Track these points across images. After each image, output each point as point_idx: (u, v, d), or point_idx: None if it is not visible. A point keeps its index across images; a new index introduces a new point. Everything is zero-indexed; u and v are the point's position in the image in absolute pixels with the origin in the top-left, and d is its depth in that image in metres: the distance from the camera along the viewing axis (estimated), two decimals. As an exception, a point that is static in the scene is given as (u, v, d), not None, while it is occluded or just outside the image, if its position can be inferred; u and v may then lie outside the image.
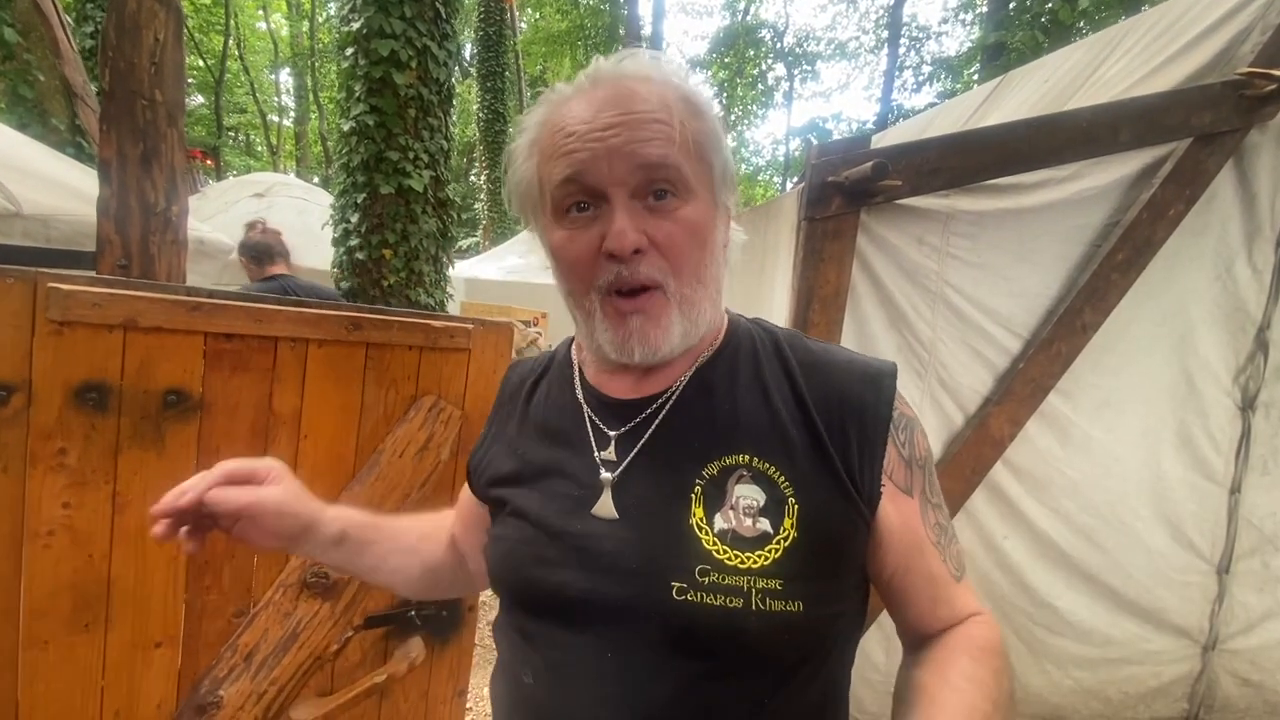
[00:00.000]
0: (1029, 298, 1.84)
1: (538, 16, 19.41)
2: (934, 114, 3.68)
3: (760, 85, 19.35)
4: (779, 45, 18.57)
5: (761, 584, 0.56)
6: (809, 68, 18.95)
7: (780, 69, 19.16)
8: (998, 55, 8.29)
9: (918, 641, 0.64)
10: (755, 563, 0.56)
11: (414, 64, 3.29)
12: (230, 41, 19.75)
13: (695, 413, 0.64)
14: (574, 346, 0.78)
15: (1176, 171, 1.74)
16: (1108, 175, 1.79)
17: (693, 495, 0.60)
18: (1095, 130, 1.69)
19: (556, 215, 0.62)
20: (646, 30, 15.41)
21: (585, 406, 0.69)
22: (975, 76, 10.17)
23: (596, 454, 0.65)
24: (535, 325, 4.78)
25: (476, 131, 13.86)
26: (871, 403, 0.62)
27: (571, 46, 17.34)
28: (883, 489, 0.60)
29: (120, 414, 0.95)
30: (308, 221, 6.95)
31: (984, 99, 3.14)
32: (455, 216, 3.72)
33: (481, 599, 2.96)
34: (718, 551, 0.57)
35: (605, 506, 0.61)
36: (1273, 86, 1.67)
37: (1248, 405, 1.98)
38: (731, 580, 0.56)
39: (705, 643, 0.56)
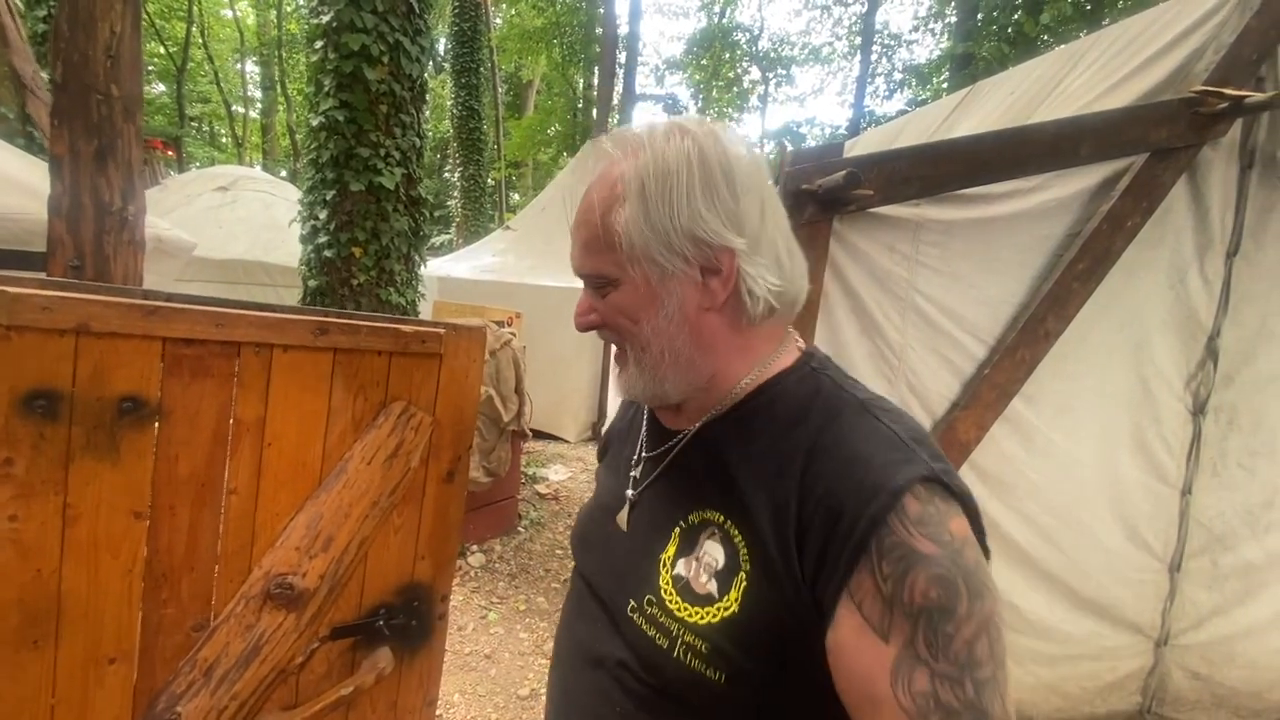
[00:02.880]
0: (995, 305, 1.89)
1: (513, 13, 19.24)
2: (905, 121, 3.75)
3: (736, 88, 19.47)
4: (754, 49, 18.71)
5: (689, 638, 0.59)
6: (784, 72, 19.13)
7: (755, 72, 19.31)
8: (966, 64, 8.48)
9: None
10: (690, 617, 0.60)
11: (386, 59, 3.23)
12: (193, 28, 19.14)
13: (697, 460, 0.69)
14: None
15: (1134, 185, 1.80)
16: (1070, 187, 1.85)
17: (672, 535, 0.66)
18: (1059, 143, 1.74)
19: None
20: (623, 30, 15.38)
21: (645, 424, 0.79)
22: (945, 85, 10.39)
23: (632, 467, 0.76)
24: (509, 326, 4.74)
25: (450, 128, 13.66)
26: (850, 516, 0.53)
27: (547, 44, 17.20)
28: (838, 611, 0.53)
29: (72, 422, 0.91)
30: (274, 216, 6.78)
31: (954, 108, 3.20)
32: (427, 215, 3.66)
33: (452, 604, 2.93)
34: (666, 592, 0.63)
35: (623, 518, 0.74)
36: (1224, 105, 1.74)
37: (1198, 410, 2.06)
38: (666, 622, 0.61)
39: (639, 660, 0.64)
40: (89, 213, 1.44)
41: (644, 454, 0.75)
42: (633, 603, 0.65)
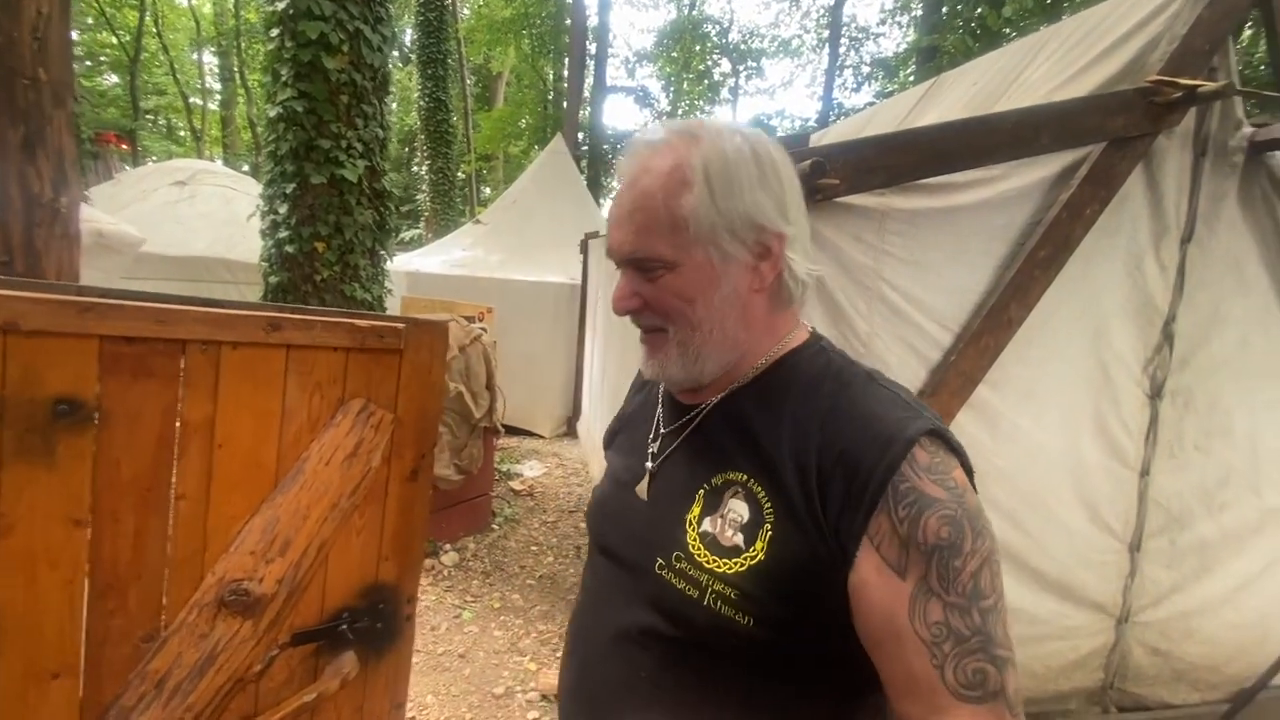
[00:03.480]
0: (959, 293, 1.91)
1: (481, 3, 18.92)
2: (872, 113, 3.78)
3: (707, 80, 19.46)
4: (724, 41, 18.71)
5: (718, 587, 0.64)
6: (754, 64, 19.18)
7: (726, 65, 19.32)
8: (932, 57, 8.59)
9: None
10: (720, 568, 0.65)
11: (345, 48, 3.13)
12: (147, 17, 18.42)
13: (718, 428, 0.74)
14: None
15: (1092, 173, 1.84)
16: (1031, 176, 1.87)
17: (696, 497, 0.71)
18: (1020, 132, 1.76)
19: None
20: (593, 21, 15.24)
21: (660, 403, 0.84)
22: (911, 77, 10.52)
23: (650, 444, 0.81)
24: (480, 321, 4.68)
25: (418, 120, 13.39)
26: (868, 465, 0.60)
27: (516, 35, 16.96)
28: (859, 553, 0.59)
29: (2, 425, 0.86)
30: (235, 211, 6.57)
31: (919, 99, 3.24)
32: (393, 208, 3.57)
33: (425, 604, 2.88)
34: (694, 547, 0.68)
35: (642, 489, 0.78)
36: (1178, 94, 1.78)
37: (1156, 393, 2.12)
38: (695, 574, 0.66)
39: (669, 614, 0.68)
40: (17, 205, 1.36)
41: (662, 429, 0.81)
42: (660, 560, 0.70)
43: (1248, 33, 7.66)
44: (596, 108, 15.71)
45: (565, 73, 15.26)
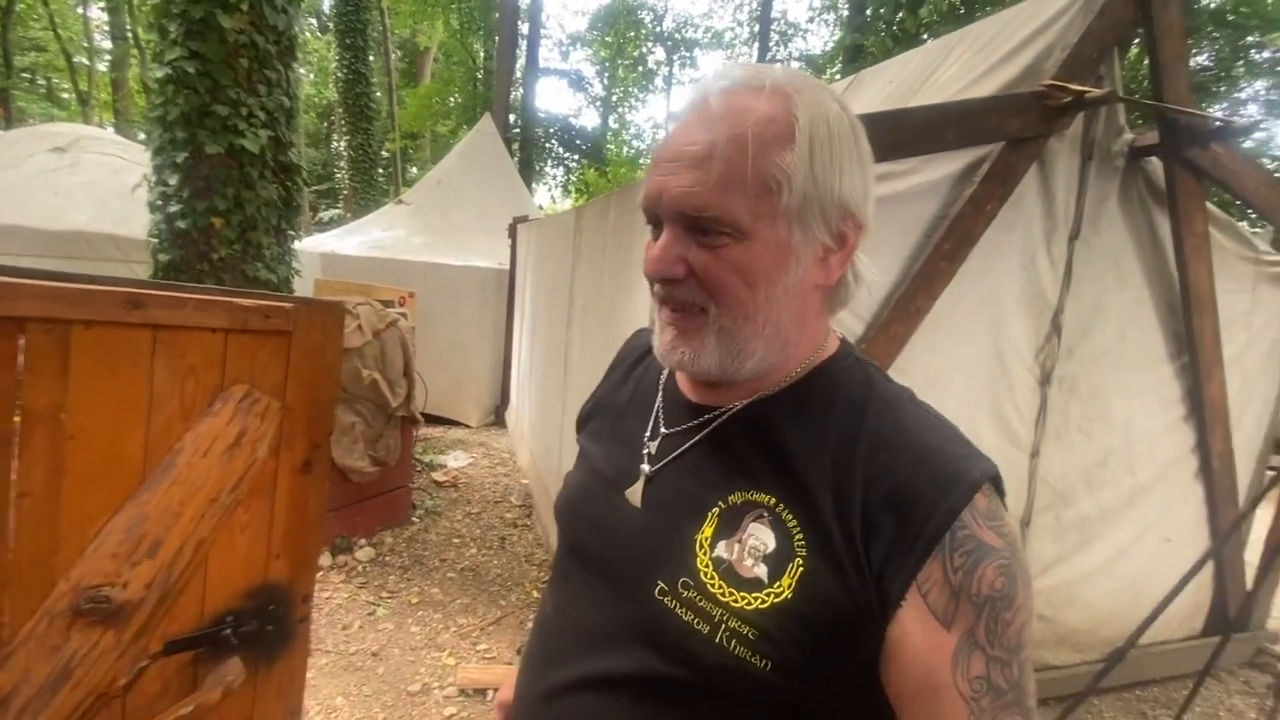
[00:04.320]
0: (871, 284, 1.97)
1: (406, -27, 18.04)
2: (796, 106, 3.85)
3: (641, 67, 19.38)
4: (659, 29, 18.68)
5: (734, 624, 0.55)
6: (687, 54, 19.25)
7: (660, 53, 19.30)
8: (857, 56, 8.88)
9: None
10: (736, 602, 0.56)
11: (245, 6, 2.87)
12: (20, -37, 16.45)
13: (740, 438, 0.63)
14: None
15: (992, 171, 1.93)
16: (937, 172, 1.95)
17: (709, 514, 0.60)
18: (927, 128, 1.83)
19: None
20: (525, 1, 14.82)
21: (660, 394, 0.73)
22: (838, 75, 10.85)
23: (646, 443, 0.69)
24: (401, 306, 4.49)
25: (336, 93, 12.65)
26: (927, 506, 0.53)
27: (444, 9, 16.28)
28: (905, 601, 0.52)
29: None
30: (125, 183, 5.99)
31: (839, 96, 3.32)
32: (300, 183, 3.34)
33: (337, 602, 2.75)
34: (706, 575, 0.58)
35: (634, 493, 0.67)
36: (1068, 99, 1.89)
37: (1045, 380, 2.27)
38: (707, 605, 0.56)
39: (667, 646, 0.58)
40: None
41: (663, 429, 0.69)
42: (662, 584, 0.59)
43: (1133, 51, 8.34)
44: (529, 90, 15.35)
45: (496, 51, 14.79)
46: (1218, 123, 2.16)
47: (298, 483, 1.18)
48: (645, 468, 0.67)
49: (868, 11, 9.47)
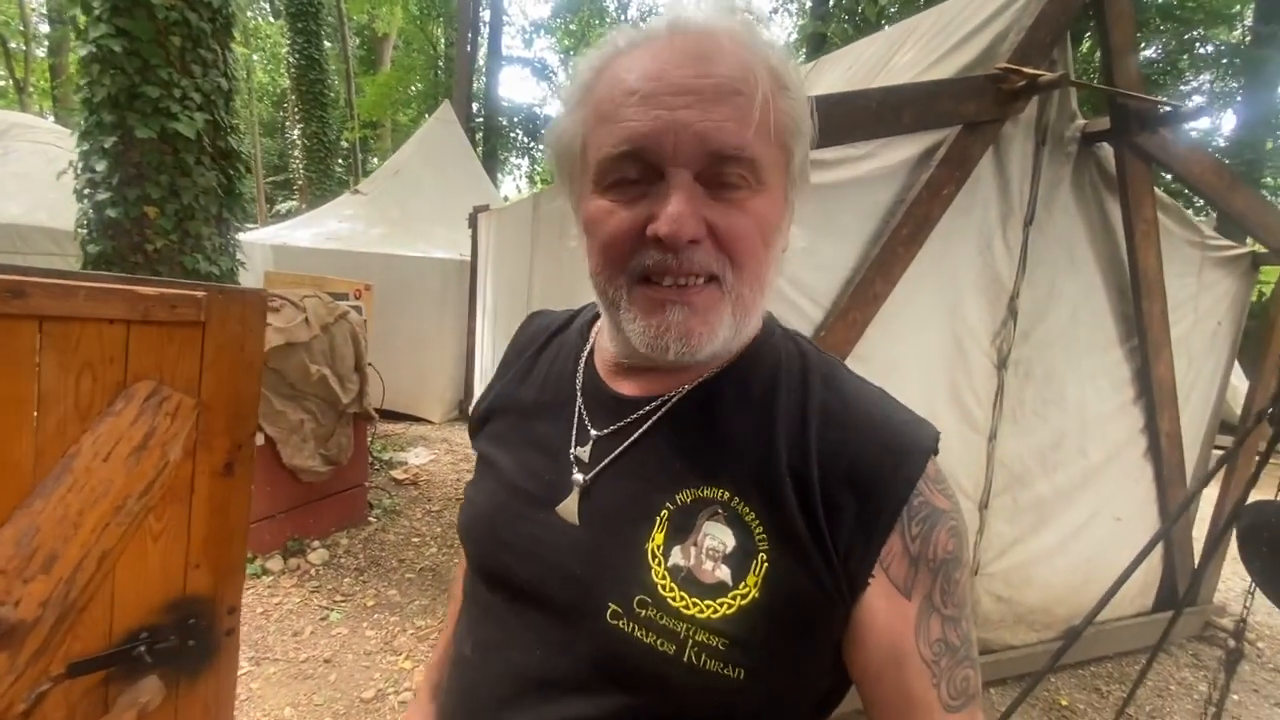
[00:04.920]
0: (830, 270, 1.95)
1: (362, -44, 17.46)
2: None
3: (605, 39, 19.15)
4: (623, 17, 18.48)
5: (702, 637, 0.50)
6: (653, 43, 19.07)
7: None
8: (820, 44, 8.91)
9: None
10: (702, 613, 0.50)
11: (175, -19, 2.72)
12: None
13: (685, 429, 0.57)
14: (595, 320, 0.70)
15: (949, 155, 1.92)
16: (895, 156, 1.93)
17: (657, 519, 0.54)
18: (883, 111, 1.81)
19: (598, 187, 0.52)
20: (486, -14, 14.48)
21: (580, 395, 0.63)
22: (803, 62, 10.89)
23: (573, 449, 0.60)
24: (357, 298, 4.34)
25: (289, 80, 12.20)
26: (886, 480, 0.51)
27: (403, -6, 15.85)
28: (871, 579, 0.50)
29: None
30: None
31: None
32: (242, 169, 3.17)
33: (288, 607, 2.64)
34: (664, 587, 0.52)
35: (569, 509, 0.58)
36: (1022, 83, 1.88)
37: (1001, 364, 2.29)
38: (669, 623, 0.50)
39: (629, 676, 0.52)
40: None
41: (592, 431, 0.60)
42: (614, 606, 0.52)
43: (1087, 43, 8.55)
44: (492, 78, 15.04)
45: (457, 39, 14.45)
46: (1167, 108, 2.18)
47: (218, 486, 1.10)
48: (578, 477, 0.58)
49: (830, 1, 9.51)
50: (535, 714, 0.55)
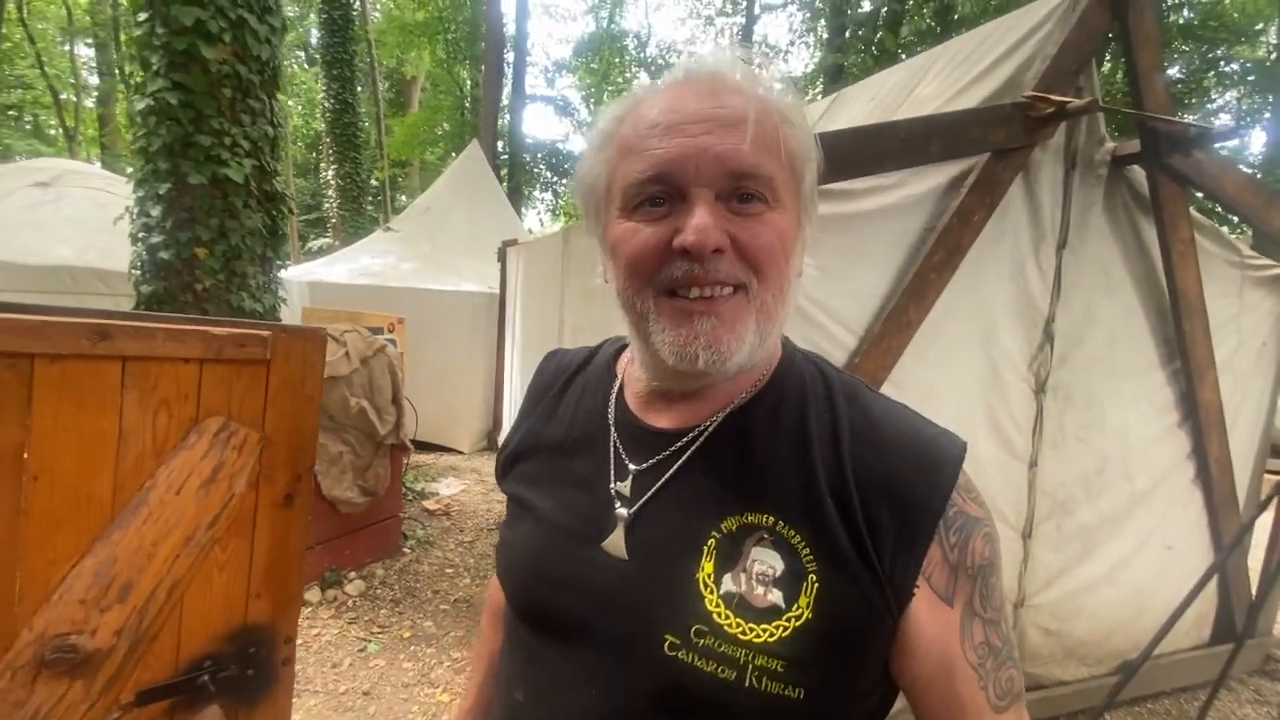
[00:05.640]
0: (862, 297, 1.96)
1: (392, 5, 18.30)
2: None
3: (625, 92, 19.62)
4: (643, 55, 18.98)
5: (761, 661, 0.51)
6: (672, 78, 19.50)
7: (644, 77, 19.59)
8: (838, 76, 9.05)
9: None
10: (759, 636, 0.52)
11: (227, 38, 2.88)
12: (9, 4, 16.54)
13: (723, 458, 0.59)
14: (620, 354, 0.74)
15: (978, 182, 1.94)
16: (924, 184, 1.96)
17: (705, 548, 0.55)
18: (911, 141, 1.83)
19: (624, 212, 0.56)
20: (510, 29, 15.05)
21: (614, 430, 0.65)
22: (819, 94, 11.04)
23: (613, 484, 0.61)
24: (390, 332, 4.45)
25: (324, 123, 12.72)
26: (922, 494, 0.53)
27: (430, 39, 16.48)
28: (916, 590, 0.52)
29: None
30: (110, 216, 5.91)
31: (822, 114, 3.35)
32: (285, 211, 3.32)
33: (326, 639, 2.67)
34: (719, 615, 0.53)
35: (616, 544, 0.59)
36: (1050, 109, 1.90)
37: (1040, 389, 2.26)
38: (728, 649, 0.52)
39: (691, 707, 0.53)
40: None
41: (630, 466, 0.62)
42: (670, 638, 0.53)
43: (1107, 64, 8.53)
44: (516, 116, 15.49)
45: (483, 80, 14.96)
46: (1197, 129, 2.18)
47: (279, 517, 1.14)
48: (622, 511, 0.59)
49: (847, 33, 9.68)
50: None
